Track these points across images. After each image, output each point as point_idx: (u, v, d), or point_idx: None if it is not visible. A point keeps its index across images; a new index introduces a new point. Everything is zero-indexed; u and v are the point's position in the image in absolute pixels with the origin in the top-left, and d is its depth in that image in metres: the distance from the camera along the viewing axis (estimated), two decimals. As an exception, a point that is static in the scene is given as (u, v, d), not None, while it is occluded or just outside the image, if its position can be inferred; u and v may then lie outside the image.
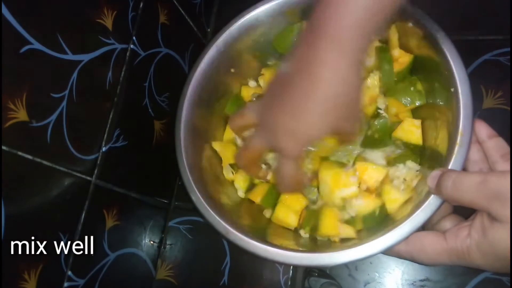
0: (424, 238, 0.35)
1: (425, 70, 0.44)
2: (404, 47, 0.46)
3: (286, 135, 0.36)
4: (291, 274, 0.51)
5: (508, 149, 0.35)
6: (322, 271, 0.49)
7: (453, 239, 0.34)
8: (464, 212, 0.35)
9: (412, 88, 0.46)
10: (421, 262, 0.36)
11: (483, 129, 0.37)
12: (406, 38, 0.45)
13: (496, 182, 0.30)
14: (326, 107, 0.33)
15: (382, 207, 0.41)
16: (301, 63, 0.34)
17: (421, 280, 0.47)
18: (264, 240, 0.39)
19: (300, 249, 0.39)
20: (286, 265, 0.51)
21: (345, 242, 0.41)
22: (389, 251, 0.36)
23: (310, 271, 0.49)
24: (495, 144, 0.36)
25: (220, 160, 0.51)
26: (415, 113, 0.46)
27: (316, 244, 0.43)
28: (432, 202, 0.35)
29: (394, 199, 0.41)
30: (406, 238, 0.35)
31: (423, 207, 0.35)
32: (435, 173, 0.35)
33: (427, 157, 0.43)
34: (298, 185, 0.41)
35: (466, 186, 0.32)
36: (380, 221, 0.41)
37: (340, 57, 0.32)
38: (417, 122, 0.44)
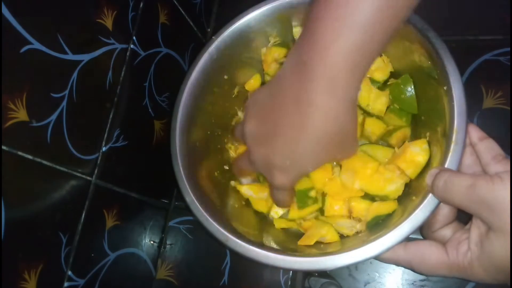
0: (425, 249, 0.35)
1: (417, 70, 0.44)
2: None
3: (277, 171, 0.36)
4: (291, 274, 0.51)
5: (499, 150, 0.35)
6: (322, 271, 0.49)
7: (454, 253, 0.33)
8: (467, 220, 0.35)
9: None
10: (419, 272, 0.36)
11: (474, 132, 0.36)
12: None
13: (484, 188, 0.30)
14: (317, 147, 0.33)
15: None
16: (289, 98, 0.33)
17: (421, 280, 0.47)
18: (262, 244, 0.39)
19: (300, 253, 0.39)
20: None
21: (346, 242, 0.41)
22: (387, 258, 0.36)
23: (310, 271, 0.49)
24: (486, 146, 0.35)
25: (217, 163, 0.51)
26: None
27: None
28: (430, 202, 0.35)
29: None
30: (405, 239, 0.35)
31: (421, 206, 0.35)
32: (433, 171, 0.35)
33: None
34: (291, 202, 0.43)
35: (456, 188, 0.32)
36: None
37: (331, 98, 0.31)
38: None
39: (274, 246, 0.42)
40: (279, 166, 0.35)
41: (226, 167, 0.52)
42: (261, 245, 0.39)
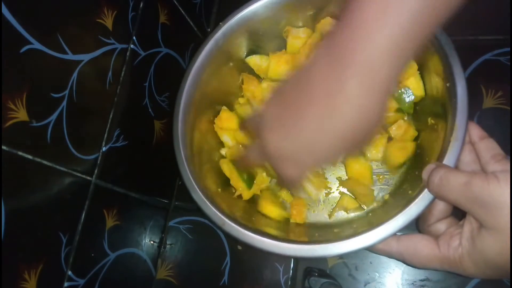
0: (418, 242, 0.35)
1: (421, 65, 0.44)
2: None
3: (289, 162, 0.33)
4: (291, 274, 0.51)
5: (499, 150, 0.35)
6: (322, 271, 0.49)
7: (445, 247, 0.34)
8: (462, 217, 0.35)
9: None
10: (411, 265, 0.36)
11: (474, 131, 0.37)
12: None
13: (479, 186, 0.30)
14: (339, 141, 0.30)
15: None
16: (319, 88, 0.30)
17: (421, 280, 0.47)
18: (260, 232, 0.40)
19: (296, 240, 0.39)
20: (285, 263, 0.51)
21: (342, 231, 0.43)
22: (380, 250, 0.37)
23: (310, 271, 0.49)
24: (486, 145, 0.36)
25: (218, 150, 0.52)
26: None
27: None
28: (426, 196, 0.35)
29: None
30: (400, 230, 0.35)
31: (416, 200, 0.35)
32: (430, 167, 0.35)
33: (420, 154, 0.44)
34: (298, 186, 0.45)
35: (451, 185, 0.32)
36: None
37: (367, 91, 0.28)
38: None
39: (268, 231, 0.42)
40: (292, 156, 0.33)
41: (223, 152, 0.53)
42: (257, 231, 0.39)
